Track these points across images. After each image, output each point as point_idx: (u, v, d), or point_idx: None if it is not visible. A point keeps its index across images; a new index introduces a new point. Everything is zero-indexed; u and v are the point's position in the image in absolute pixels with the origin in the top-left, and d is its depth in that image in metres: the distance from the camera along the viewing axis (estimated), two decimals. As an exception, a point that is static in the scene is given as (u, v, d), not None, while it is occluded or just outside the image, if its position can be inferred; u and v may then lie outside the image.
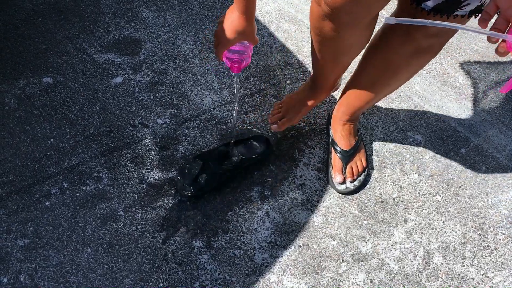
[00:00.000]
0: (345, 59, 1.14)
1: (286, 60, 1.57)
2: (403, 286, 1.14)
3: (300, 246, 1.19)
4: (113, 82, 1.45)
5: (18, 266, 1.11)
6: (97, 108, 1.39)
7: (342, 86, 1.40)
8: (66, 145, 1.31)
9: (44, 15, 1.59)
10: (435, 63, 1.60)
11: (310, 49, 1.44)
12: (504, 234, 1.24)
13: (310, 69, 1.55)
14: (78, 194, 1.23)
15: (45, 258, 1.13)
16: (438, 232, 1.24)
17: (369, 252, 1.19)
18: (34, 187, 1.23)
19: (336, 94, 1.48)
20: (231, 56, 1.02)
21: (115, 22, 1.60)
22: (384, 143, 1.39)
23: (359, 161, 1.30)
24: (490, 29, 0.72)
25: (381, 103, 1.48)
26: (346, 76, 1.46)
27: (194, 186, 1.22)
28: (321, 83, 1.27)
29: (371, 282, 1.15)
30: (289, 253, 1.18)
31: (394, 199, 1.29)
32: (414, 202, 1.28)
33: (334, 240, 1.21)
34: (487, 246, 1.22)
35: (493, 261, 1.20)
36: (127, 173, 1.28)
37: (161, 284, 1.11)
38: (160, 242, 1.17)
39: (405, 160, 1.36)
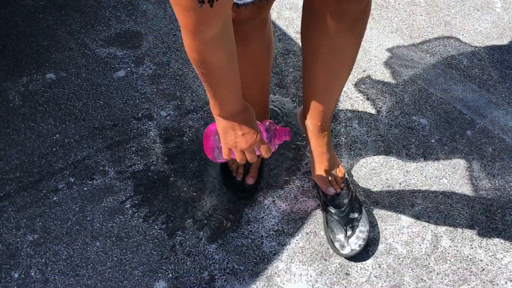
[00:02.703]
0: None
1: (288, 48, 1.56)
2: (412, 270, 1.15)
3: (308, 233, 1.19)
4: (115, 76, 1.46)
5: (28, 261, 1.13)
6: (101, 102, 1.40)
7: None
8: (72, 140, 1.32)
9: (45, 11, 1.59)
10: (439, 45, 1.58)
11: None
12: (512, 215, 1.24)
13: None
14: (85, 189, 1.24)
15: (54, 252, 1.14)
16: (446, 215, 1.23)
17: (377, 237, 1.19)
18: (41, 183, 1.24)
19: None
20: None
21: (115, 15, 1.60)
22: (389, 128, 1.39)
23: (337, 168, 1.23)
24: None
25: (385, 88, 1.47)
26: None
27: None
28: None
29: (379, 266, 1.15)
30: (297, 240, 1.18)
31: (400, 183, 1.28)
32: (421, 186, 1.28)
33: (341, 226, 1.21)
34: (495, 227, 1.22)
35: (501, 243, 1.19)
36: (132, 166, 1.28)
37: (170, 275, 1.12)
38: (167, 234, 1.18)
39: (411, 144, 1.35)
